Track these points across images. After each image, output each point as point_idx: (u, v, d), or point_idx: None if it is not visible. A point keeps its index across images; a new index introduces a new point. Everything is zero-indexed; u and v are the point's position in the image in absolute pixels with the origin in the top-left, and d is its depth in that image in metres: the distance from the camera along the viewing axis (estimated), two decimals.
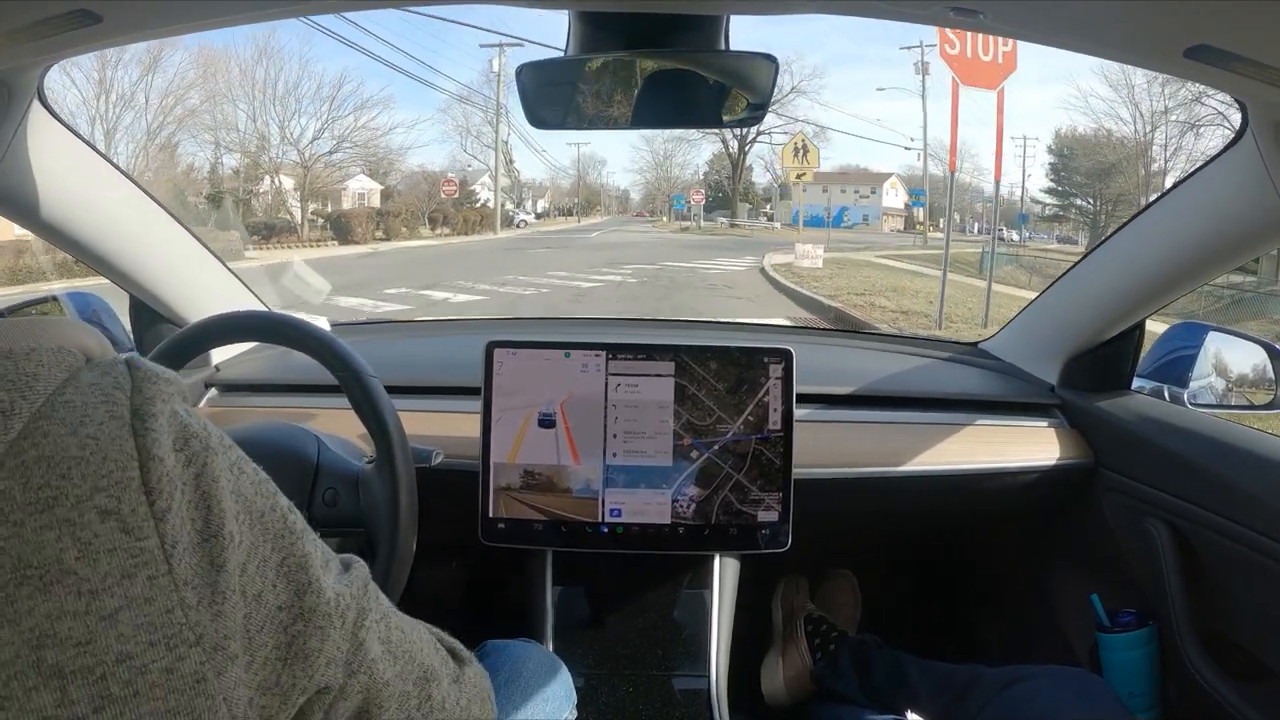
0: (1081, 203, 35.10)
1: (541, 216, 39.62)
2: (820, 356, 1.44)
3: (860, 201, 43.41)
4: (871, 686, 1.18)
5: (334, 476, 0.76)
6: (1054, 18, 0.65)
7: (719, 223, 36.27)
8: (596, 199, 46.21)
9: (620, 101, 0.85)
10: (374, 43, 54.80)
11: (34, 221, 0.94)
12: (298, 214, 22.29)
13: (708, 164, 45.38)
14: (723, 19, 0.76)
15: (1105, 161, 31.67)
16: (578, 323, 1.77)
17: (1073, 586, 1.28)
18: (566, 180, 43.77)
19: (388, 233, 20.82)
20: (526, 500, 1.08)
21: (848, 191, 43.55)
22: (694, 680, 1.10)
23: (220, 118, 23.04)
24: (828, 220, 33.83)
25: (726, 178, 42.48)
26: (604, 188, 47.94)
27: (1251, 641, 0.99)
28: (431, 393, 1.22)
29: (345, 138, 24.55)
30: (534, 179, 42.21)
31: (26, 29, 0.64)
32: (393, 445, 0.74)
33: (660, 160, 44.59)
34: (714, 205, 40.30)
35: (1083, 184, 34.14)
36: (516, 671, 0.89)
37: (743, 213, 39.92)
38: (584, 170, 45.49)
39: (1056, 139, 36.14)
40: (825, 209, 36.96)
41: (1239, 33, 0.57)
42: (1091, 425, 1.23)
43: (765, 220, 39.30)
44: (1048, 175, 37.11)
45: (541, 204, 41.33)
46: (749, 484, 1.08)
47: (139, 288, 1.14)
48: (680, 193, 39.69)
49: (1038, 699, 0.97)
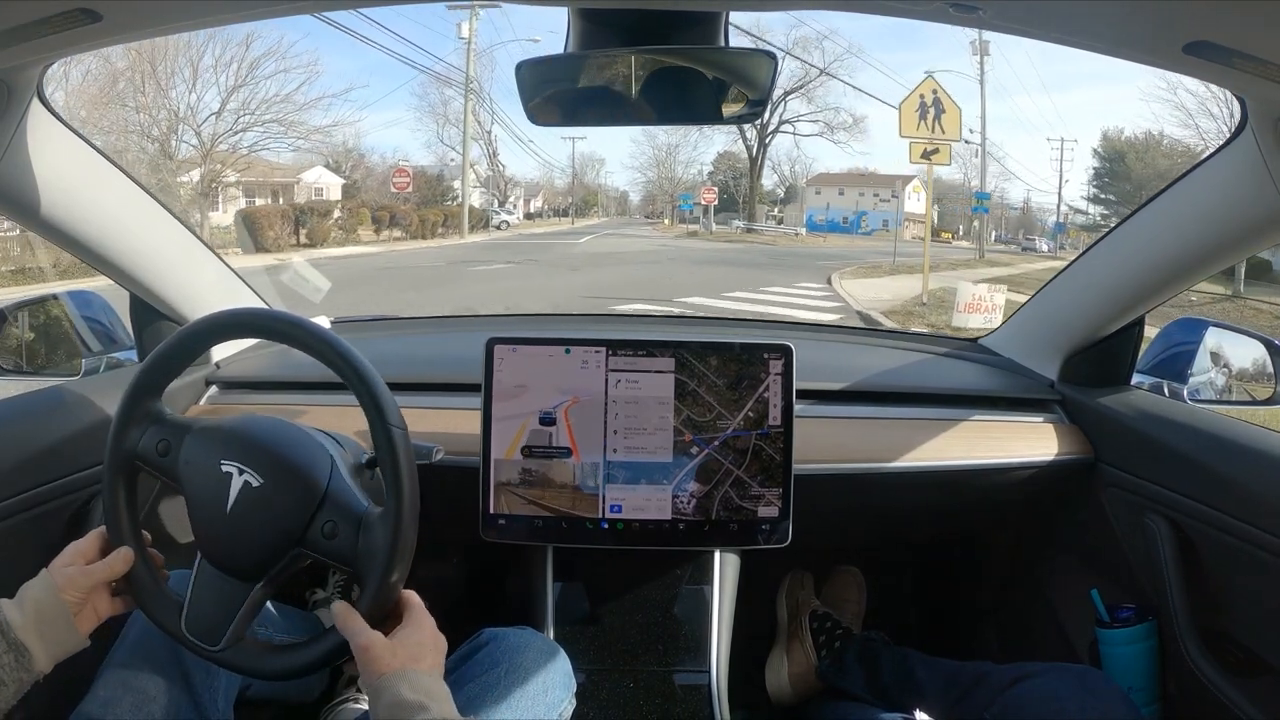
0: (1127, 210, 31.94)
1: (534, 217, 36.22)
2: (820, 353, 1.44)
3: (880, 206, 38.63)
4: (878, 684, 1.18)
5: (339, 509, 0.73)
6: (1053, 14, 0.65)
7: (733, 228, 31.30)
8: (594, 199, 42.31)
9: (620, 98, 0.85)
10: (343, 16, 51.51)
11: (34, 220, 0.95)
12: (216, 213, 16.94)
13: (712, 163, 40.89)
14: (722, 15, 0.76)
15: (1161, 168, 28.04)
16: (578, 319, 1.77)
17: (1072, 582, 1.28)
18: (564, 179, 40.70)
19: (313, 237, 15.88)
20: (527, 496, 1.08)
21: (866, 195, 39.41)
22: (695, 676, 1.10)
23: (141, 100, 16.02)
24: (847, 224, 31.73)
25: (733, 178, 38.42)
26: (601, 188, 44.59)
27: (1250, 636, 1.00)
28: (432, 389, 1.22)
29: (254, 111, 17.35)
30: (529, 178, 38.91)
31: (26, 28, 0.64)
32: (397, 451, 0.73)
33: (662, 158, 40.31)
34: (720, 207, 35.41)
35: (1131, 193, 29.43)
36: (516, 663, 0.89)
37: (761, 215, 35.30)
38: (581, 169, 42.31)
39: (1104, 142, 32.52)
40: (847, 212, 34.52)
41: (1238, 29, 0.57)
42: (1091, 421, 1.23)
43: (774, 224, 34.74)
44: (1091, 182, 33.35)
45: (536, 203, 38.11)
46: (749, 479, 1.08)
47: (139, 285, 1.15)
48: (687, 192, 35.67)
49: (1045, 696, 0.97)
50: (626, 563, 1.14)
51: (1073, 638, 1.27)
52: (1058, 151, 31.75)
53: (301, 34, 40.04)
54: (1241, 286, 13.71)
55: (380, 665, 0.67)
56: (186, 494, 0.76)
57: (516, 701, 0.86)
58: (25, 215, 0.93)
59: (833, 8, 0.70)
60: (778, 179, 39.86)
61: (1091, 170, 32.85)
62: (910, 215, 39.54)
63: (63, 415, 1.02)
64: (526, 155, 59.58)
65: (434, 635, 0.73)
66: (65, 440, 1.00)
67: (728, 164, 38.98)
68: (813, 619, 1.36)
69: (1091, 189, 33.12)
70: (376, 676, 0.66)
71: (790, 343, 1.10)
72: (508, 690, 0.86)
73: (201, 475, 0.75)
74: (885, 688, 1.17)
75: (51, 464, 0.98)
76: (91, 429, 1.02)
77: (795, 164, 39.00)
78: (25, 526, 0.94)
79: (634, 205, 44.93)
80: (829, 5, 0.69)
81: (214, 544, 0.75)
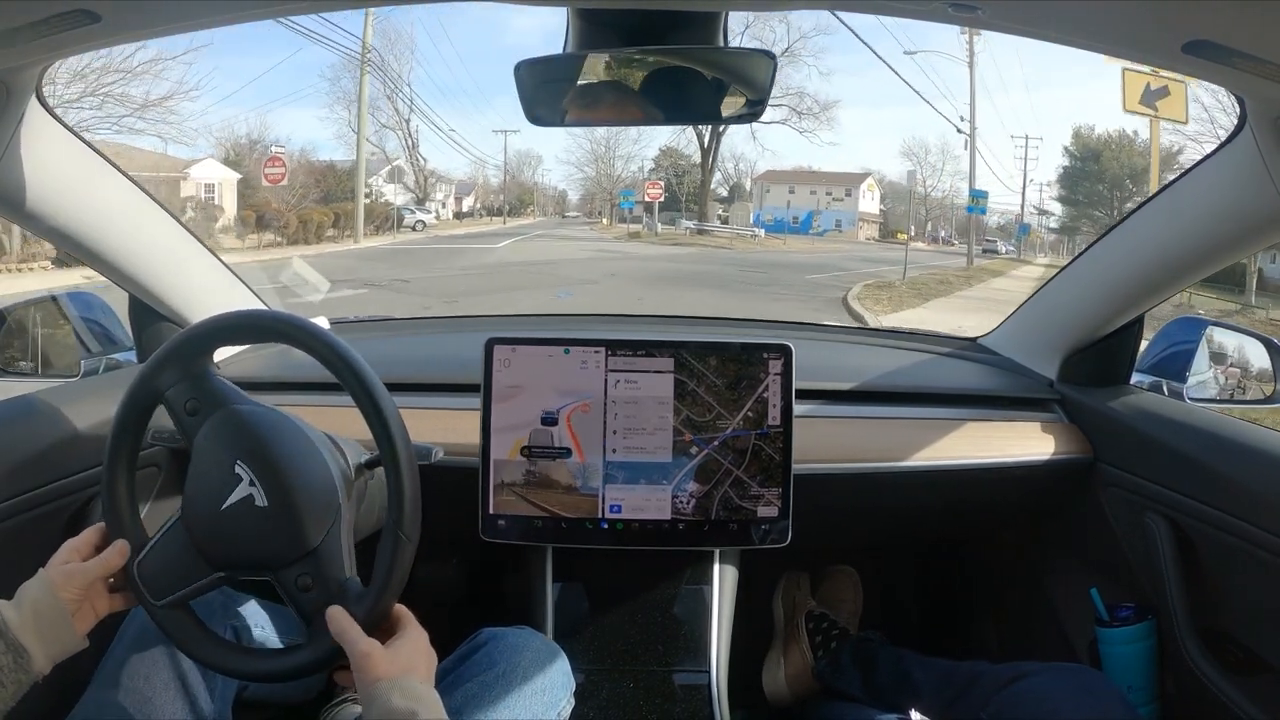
0: (1099, 213, 28.45)
1: (465, 216, 32.15)
2: (820, 353, 1.44)
3: (833, 205, 36.16)
4: (874, 684, 1.18)
5: (320, 570, 0.73)
6: (1053, 13, 0.65)
7: (681, 228, 27.45)
8: (530, 198, 38.43)
9: (618, 98, 0.85)
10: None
11: (33, 220, 0.94)
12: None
13: (654, 160, 36.44)
14: (721, 15, 0.76)
15: (1137, 167, 26.36)
16: (577, 319, 1.77)
17: (1072, 581, 1.28)
18: (500, 176, 35.80)
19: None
20: (527, 497, 1.08)
21: (818, 193, 36.28)
22: (694, 676, 1.10)
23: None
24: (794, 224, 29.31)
25: (675, 175, 34.29)
26: (538, 186, 39.80)
27: (1250, 635, 1.00)
28: (431, 390, 1.22)
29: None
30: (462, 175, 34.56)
31: (25, 28, 0.64)
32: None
33: (601, 153, 35.75)
34: (664, 206, 31.08)
35: (1104, 194, 28.68)
36: (513, 664, 0.89)
37: (713, 215, 31.15)
38: (518, 167, 37.81)
39: (1076, 140, 29.93)
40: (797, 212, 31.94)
41: (1238, 28, 0.58)
42: (1090, 420, 1.23)
43: (719, 224, 30.27)
44: (1059, 181, 30.82)
45: (468, 202, 33.94)
46: (748, 480, 1.08)
47: (138, 287, 1.14)
48: (628, 188, 30.37)
49: (1040, 695, 0.97)
50: (626, 563, 1.14)
51: (1072, 637, 1.27)
52: (1021, 150, 28.78)
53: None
54: (1253, 299, 13.53)
55: (377, 672, 0.67)
56: (191, 464, 0.75)
57: (514, 701, 0.86)
58: (24, 215, 0.93)
59: (833, 8, 0.70)
60: (721, 177, 36.22)
61: (1061, 169, 30.86)
62: (865, 215, 37.35)
63: (62, 416, 1.02)
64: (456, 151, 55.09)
65: (427, 647, 0.74)
66: (64, 441, 1.00)
67: (670, 160, 35.57)
68: (809, 619, 1.36)
69: (1059, 189, 31.14)
70: (372, 683, 0.67)
71: (790, 343, 1.10)
72: (505, 690, 0.86)
73: (212, 462, 0.74)
74: (881, 688, 1.17)
75: (51, 465, 0.97)
76: (91, 430, 1.02)
77: (740, 161, 36.54)
78: (24, 527, 0.94)
79: (573, 204, 41.09)
80: (829, 5, 0.70)
81: (196, 522, 0.75)
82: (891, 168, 46.66)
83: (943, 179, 37.69)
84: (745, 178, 37.08)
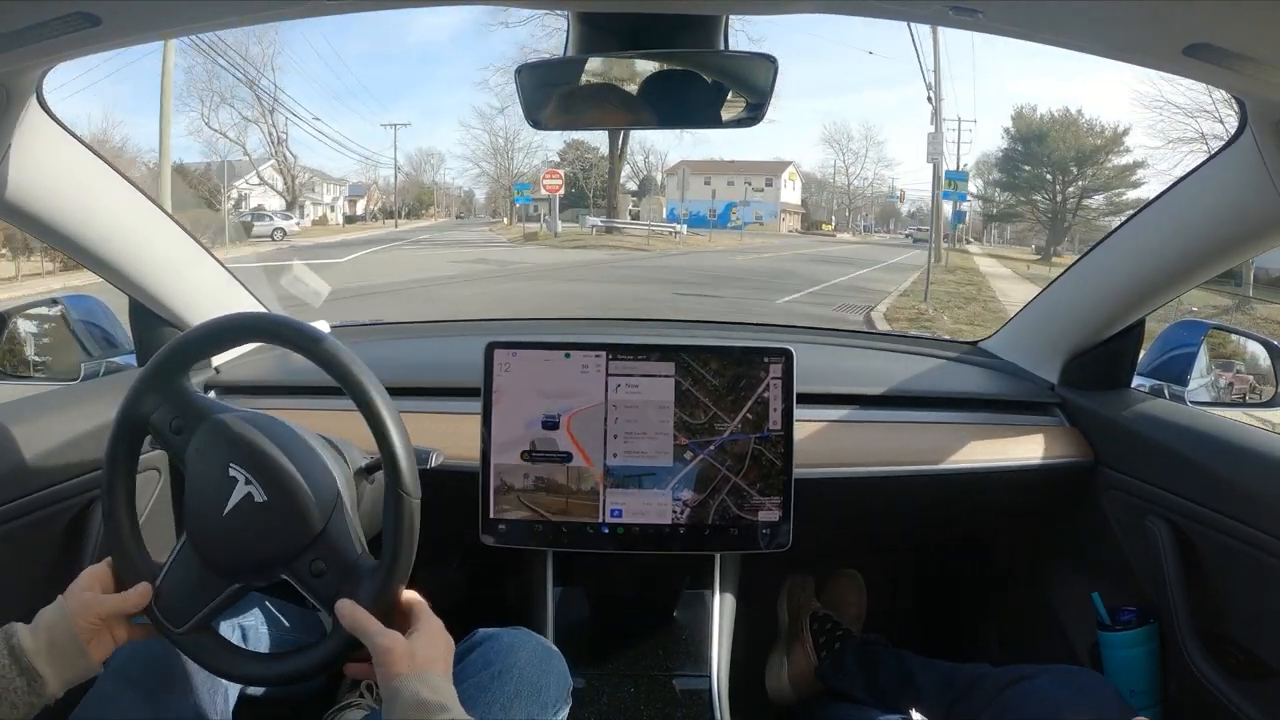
0: (1040, 198, 26.70)
1: (355, 220, 29.46)
2: (821, 357, 1.44)
3: (754, 196, 34.08)
4: (877, 686, 1.18)
5: (331, 551, 0.72)
6: (1053, 16, 0.65)
7: (587, 226, 23.42)
8: (429, 198, 35.02)
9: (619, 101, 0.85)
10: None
11: (33, 224, 0.94)
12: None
13: (559, 153, 32.91)
14: (722, 19, 0.76)
15: (1087, 148, 24.85)
16: (578, 323, 1.77)
17: (1073, 584, 1.28)
18: (399, 177, 32.31)
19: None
20: (527, 501, 1.08)
21: (736, 184, 33.96)
22: (695, 681, 1.10)
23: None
24: (712, 219, 27.70)
25: (583, 169, 30.93)
26: (437, 185, 35.93)
27: (1252, 639, 0.99)
28: (432, 394, 1.22)
29: None
30: (352, 175, 31.23)
31: (25, 32, 0.64)
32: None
33: (501, 146, 31.10)
34: (568, 202, 27.81)
35: (1047, 178, 26.35)
36: (509, 665, 0.88)
37: (624, 210, 27.43)
38: (419, 166, 34.36)
39: (1017, 120, 27.32)
40: (714, 205, 30.26)
41: (1238, 31, 0.58)
42: (1092, 423, 1.23)
43: (631, 220, 26.69)
44: (998, 166, 28.42)
45: (363, 205, 31.08)
46: (747, 487, 1.08)
47: (138, 289, 1.14)
48: (524, 181, 26.84)
49: (1041, 698, 0.97)
50: (627, 567, 1.14)
51: (1074, 640, 1.27)
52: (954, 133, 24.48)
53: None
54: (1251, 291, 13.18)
55: (400, 666, 0.67)
56: (187, 481, 0.75)
57: (509, 702, 0.85)
58: (24, 219, 0.93)
59: (833, 10, 0.70)
60: (630, 170, 33.20)
61: (1000, 152, 28.45)
62: (787, 207, 35.49)
63: (62, 419, 1.02)
64: (342, 152, 49.10)
65: (446, 639, 0.73)
66: (65, 444, 0.99)
67: (577, 154, 32.35)
68: (813, 621, 1.36)
69: (997, 173, 28.85)
70: (394, 677, 0.66)
71: (790, 346, 1.10)
72: (500, 690, 0.86)
73: (207, 470, 0.74)
74: (883, 689, 1.17)
75: (51, 467, 0.97)
76: (91, 432, 1.02)
77: (650, 154, 34.51)
78: (24, 530, 0.94)
79: (479, 204, 37.68)
80: (829, 8, 0.70)
81: (202, 537, 0.74)
82: (809, 158, 44.67)
83: (866, 166, 37.28)
84: (656, 170, 34.89)
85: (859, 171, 37.48)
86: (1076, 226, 25.92)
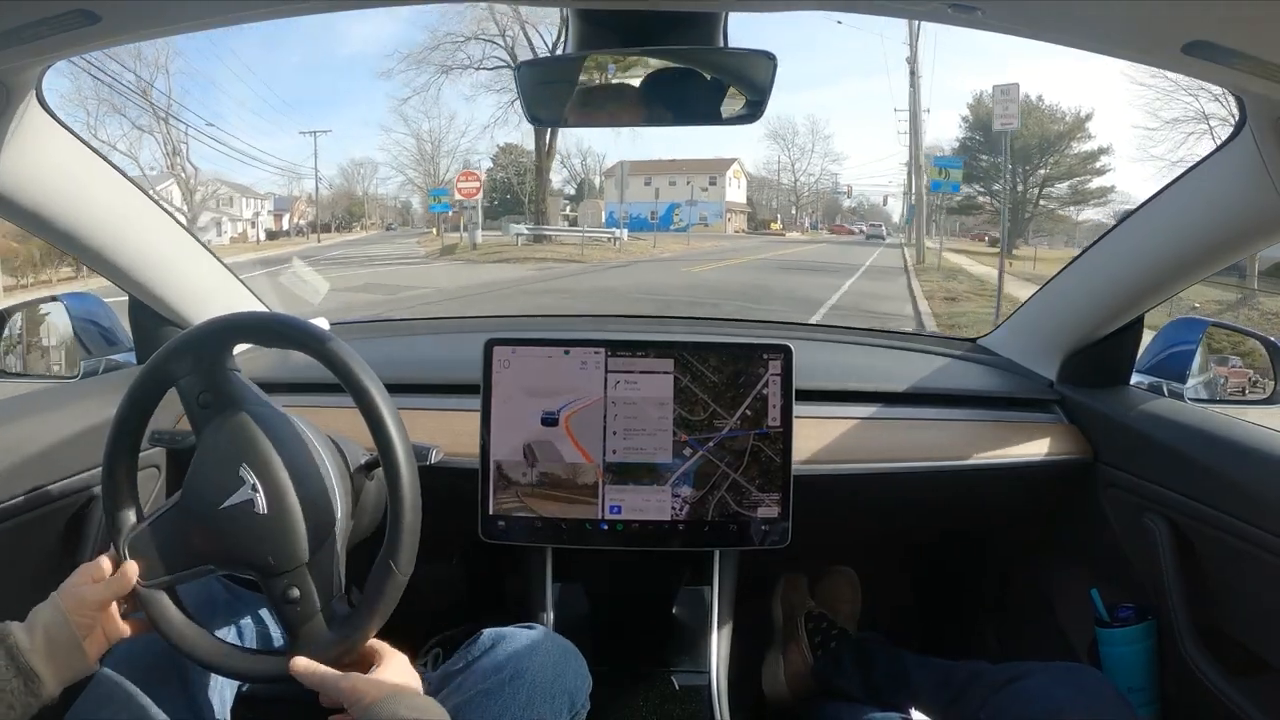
0: (1001, 188, 23.20)
1: (277, 236, 27.10)
2: (820, 354, 1.44)
3: (700, 196, 32.52)
4: (873, 684, 1.18)
5: (310, 587, 0.73)
6: (1052, 14, 0.65)
7: (512, 235, 21.20)
8: (360, 209, 32.48)
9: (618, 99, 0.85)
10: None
11: (33, 221, 0.94)
12: None
13: (493, 158, 30.74)
14: (721, 16, 0.76)
15: (1050, 134, 24.17)
16: (577, 320, 1.77)
17: (1072, 581, 1.28)
18: (329, 189, 29.52)
19: None
20: (526, 497, 1.08)
21: (679, 184, 32.43)
22: (694, 677, 1.10)
23: None
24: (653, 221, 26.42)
25: (517, 174, 28.06)
26: (369, 196, 33.37)
27: (1250, 636, 1.00)
28: (431, 391, 1.22)
29: None
30: (274, 188, 28.87)
31: (24, 29, 0.64)
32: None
33: (428, 152, 28.72)
34: (502, 209, 26.30)
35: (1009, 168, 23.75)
36: (521, 669, 0.84)
37: (557, 216, 25.90)
38: (351, 177, 31.80)
39: (975, 107, 25.62)
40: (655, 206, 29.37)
41: (1238, 29, 0.57)
42: (1090, 421, 1.23)
43: (566, 226, 25.07)
44: (955, 153, 24.96)
45: (289, 221, 28.52)
46: (746, 484, 1.08)
47: (138, 288, 1.14)
48: (441, 187, 24.46)
49: (1038, 695, 0.97)
50: (626, 564, 1.14)
51: (1072, 638, 1.27)
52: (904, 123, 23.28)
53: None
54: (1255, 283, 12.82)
55: (370, 694, 0.67)
56: (196, 455, 0.75)
57: (526, 706, 0.82)
58: (24, 217, 0.93)
59: (833, 8, 0.70)
60: (568, 174, 32.03)
61: (958, 141, 26.77)
62: (732, 206, 34.05)
63: (62, 416, 1.02)
64: (258, 167, 45.24)
65: (411, 670, 0.74)
66: (65, 442, 0.99)
67: (511, 158, 29.60)
68: (808, 620, 1.36)
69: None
70: (367, 709, 0.66)
71: (790, 343, 1.10)
72: (512, 699, 0.82)
73: (219, 457, 0.74)
74: (880, 688, 1.17)
75: (51, 465, 0.97)
76: (91, 430, 1.02)
77: (587, 156, 33.41)
78: (24, 528, 0.94)
79: (418, 214, 33.80)
80: (829, 6, 0.69)
81: (192, 514, 0.74)
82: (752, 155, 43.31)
83: (813, 161, 36.33)
84: (595, 174, 33.36)
85: (805, 167, 36.83)
86: (1038, 217, 25.34)
